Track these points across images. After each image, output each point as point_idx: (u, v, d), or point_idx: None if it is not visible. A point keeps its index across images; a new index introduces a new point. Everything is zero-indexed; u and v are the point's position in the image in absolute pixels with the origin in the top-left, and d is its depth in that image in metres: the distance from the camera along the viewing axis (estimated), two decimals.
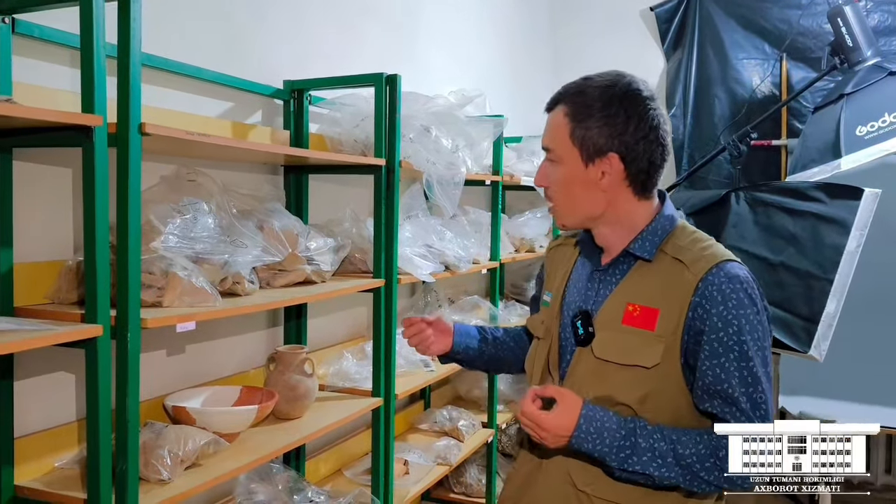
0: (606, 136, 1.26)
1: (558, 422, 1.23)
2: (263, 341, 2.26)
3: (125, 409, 1.36)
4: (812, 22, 4.12)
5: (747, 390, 1.21)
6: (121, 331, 1.34)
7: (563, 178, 1.31)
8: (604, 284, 1.35)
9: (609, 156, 1.27)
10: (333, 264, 2.10)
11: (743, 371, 1.21)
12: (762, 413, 1.23)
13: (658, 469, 1.20)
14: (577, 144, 1.28)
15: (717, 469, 1.21)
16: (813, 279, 2.77)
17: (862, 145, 2.99)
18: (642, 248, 1.30)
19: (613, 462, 1.22)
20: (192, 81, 1.94)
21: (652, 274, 1.29)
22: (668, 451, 1.20)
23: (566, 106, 1.30)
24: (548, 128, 1.34)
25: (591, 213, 1.32)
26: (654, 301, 1.26)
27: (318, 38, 2.46)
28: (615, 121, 1.26)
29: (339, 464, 2.55)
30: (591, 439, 1.22)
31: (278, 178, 2.27)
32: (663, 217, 1.33)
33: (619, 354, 1.27)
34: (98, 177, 1.28)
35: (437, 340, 1.60)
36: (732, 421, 1.22)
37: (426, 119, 2.38)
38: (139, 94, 1.34)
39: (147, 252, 1.52)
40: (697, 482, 1.23)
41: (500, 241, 3.08)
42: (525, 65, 4.39)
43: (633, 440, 1.21)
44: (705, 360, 1.22)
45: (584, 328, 1.31)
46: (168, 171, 1.77)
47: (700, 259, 1.25)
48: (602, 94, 1.27)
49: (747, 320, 1.21)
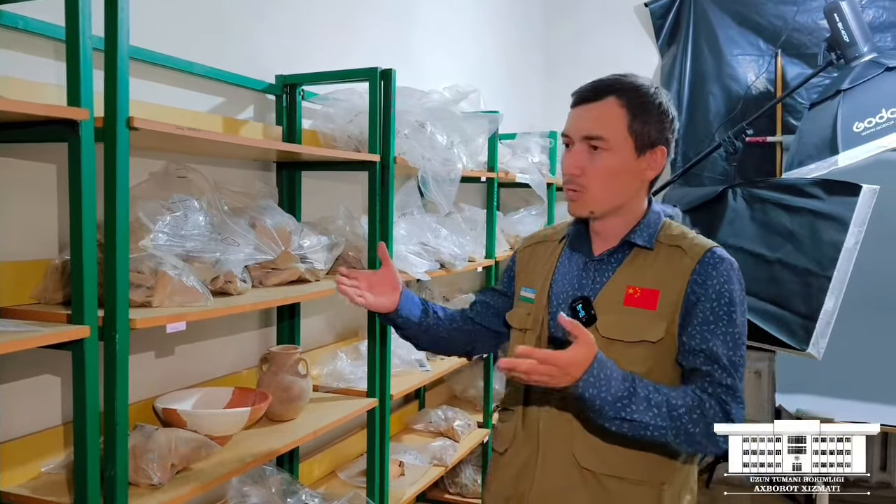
0: (660, 130, 1.36)
1: (573, 360, 1.19)
2: (256, 341, 2.22)
3: (114, 412, 1.32)
4: (807, 18, 4.10)
5: (728, 352, 1.31)
6: (108, 332, 1.30)
7: (611, 166, 1.35)
8: (600, 272, 1.41)
9: (658, 149, 1.37)
10: (327, 262, 2.06)
11: (727, 336, 1.31)
12: (740, 374, 1.32)
13: (653, 418, 1.24)
14: (634, 135, 1.35)
15: (703, 422, 1.26)
16: (811, 276, 2.75)
17: (859, 142, 2.96)
18: (642, 237, 1.39)
19: (610, 412, 1.23)
20: (182, 76, 1.90)
21: (650, 260, 1.38)
22: (662, 401, 1.26)
23: (621, 98, 1.35)
24: (594, 117, 1.36)
25: (623, 201, 1.39)
26: (654, 283, 1.35)
27: (311, 33, 2.41)
28: (666, 118, 1.37)
29: (333, 465, 2.52)
30: (598, 385, 1.21)
31: (270, 174, 2.22)
32: (654, 212, 1.43)
33: (626, 333, 1.34)
34: (84, 173, 1.24)
35: (382, 293, 1.55)
36: (717, 376, 1.29)
37: (421, 115, 2.34)
38: (127, 87, 1.30)
39: (136, 250, 1.48)
40: (684, 436, 1.26)
41: (495, 239, 3.04)
42: (518, 61, 4.35)
43: (633, 390, 1.24)
44: (697, 325, 1.32)
45: (585, 311, 1.37)
46: (157, 168, 1.72)
47: (695, 246, 1.38)
48: (655, 93, 1.37)
49: (736, 294, 1.34)
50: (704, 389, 1.29)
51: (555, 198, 3.76)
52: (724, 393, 1.29)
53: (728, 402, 1.28)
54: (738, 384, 1.31)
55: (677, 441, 1.27)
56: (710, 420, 1.27)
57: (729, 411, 1.28)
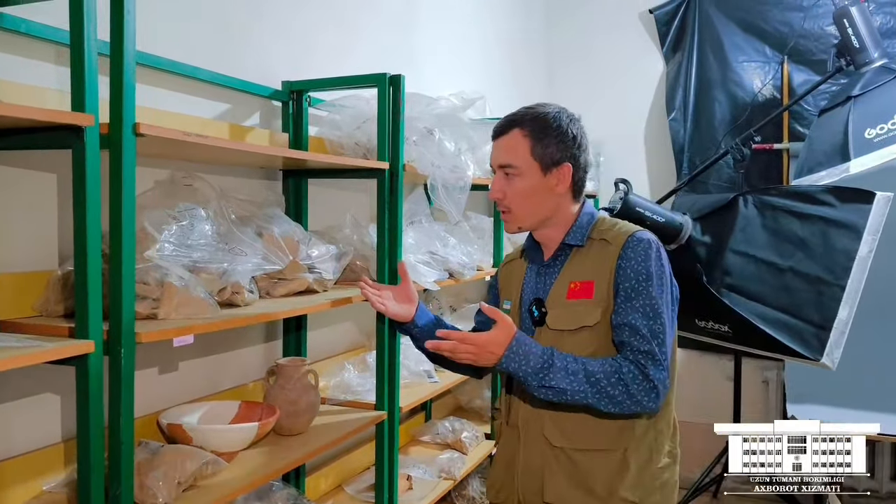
0: (561, 150, 1.56)
1: (492, 338, 1.45)
2: (261, 352, 2.17)
3: (118, 429, 1.27)
4: (813, 24, 4.07)
5: (648, 322, 1.46)
6: (114, 346, 1.25)
7: (524, 188, 1.56)
8: (549, 275, 1.61)
9: (563, 166, 1.56)
10: (335, 272, 2.01)
11: (646, 308, 1.46)
12: (660, 340, 1.46)
13: (570, 384, 1.43)
14: (538, 158, 1.55)
15: (622, 383, 1.42)
16: (823, 285, 2.71)
17: (871, 148, 2.92)
18: (574, 238, 1.59)
19: (534, 381, 1.44)
20: (187, 81, 1.86)
21: (585, 256, 1.57)
22: (580, 369, 1.44)
23: (523, 128, 1.57)
24: (504, 148, 1.59)
25: (545, 216, 1.59)
26: (589, 275, 1.54)
27: (317, 38, 2.37)
28: (566, 138, 1.56)
29: (340, 479, 2.46)
30: (518, 359, 1.45)
31: (276, 182, 2.18)
32: (585, 213, 1.62)
33: (569, 322, 1.53)
34: (89, 181, 1.19)
35: (401, 305, 1.83)
36: (636, 344, 1.44)
37: (429, 121, 2.30)
38: (133, 92, 1.25)
39: (141, 261, 1.43)
40: (605, 398, 1.43)
41: (502, 248, 3.00)
42: (521, 68, 4.32)
43: (551, 362, 1.44)
44: (620, 304, 1.49)
45: (538, 311, 1.57)
46: (162, 176, 1.68)
47: (618, 235, 1.55)
48: (554, 118, 1.57)
49: (653, 269, 1.49)
50: (625, 357, 1.46)
51: None
52: (642, 357, 1.44)
53: (646, 365, 1.43)
54: (656, 349, 1.45)
55: (601, 402, 1.44)
56: (628, 381, 1.43)
57: (647, 373, 1.43)
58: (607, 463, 1.51)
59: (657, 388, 1.44)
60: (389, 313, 1.82)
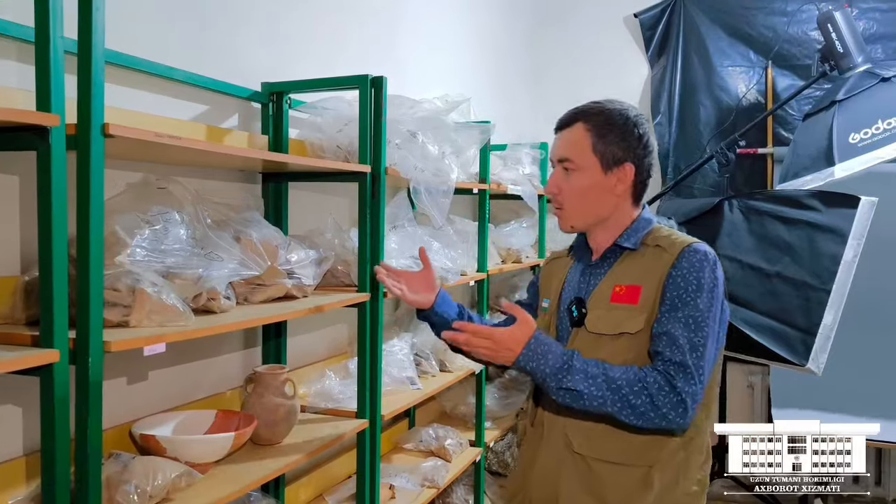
0: (624, 149, 1.48)
1: (510, 335, 1.40)
2: (240, 359, 2.12)
3: (86, 441, 1.22)
4: (797, 29, 4.08)
5: (688, 334, 1.37)
6: (81, 355, 1.20)
7: (581, 185, 1.50)
8: (594, 276, 1.54)
9: (625, 165, 1.49)
10: (316, 278, 1.96)
11: (689, 319, 1.38)
12: (698, 354, 1.36)
13: (588, 387, 1.36)
14: (599, 155, 1.48)
15: (645, 393, 1.34)
16: (810, 290, 2.70)
17: (856, 153, 2.92)
18: (628, 240, 1.51)
19: (552, 382, 1.38)
20: (163, 82, 1.81)
21: (636, 260, 1.49)
22: (600, 373, 1.37)
23: (587, 123, 1.50)
24: (565, 142, 1.52)
25: (600, 216, 1.52)
26: (637, 280, 1.46)
27: (297, 39, 2.33)
28: (630, 137, 1.49)
29: (321, 489, 2.41)
30: (537, 358, 1.39)
31: (256, 186, 2.13)
32: (643, 219, 1.55)
33: (609, 327, 1.45)
34: (55, 183, 1.14)
35: (421, 291, 1.74)
36: (669, 354, 1.36)
37: (412, 124, 2.26)
38: (102, 91, 1.21)
39: (112, 266, 1.38)
40: (626, 407, 1.35)
41: (487, 252, 2.96)
42: (507, 71, 4.29)
43: (571, 363, 1.38)
44: (664, 312, 1.40)
45: (577, 311, 1.51)
46: (135, 179, 1.63)
47: (675, 243, 1.47)
48: (619, 115, 1.49)
49: (704, 281, 1.40)
50: (654, 367, 1.37)
51: (546, 210, 3.69)
52: (672, 368, 1.35)
53: (674, 376, 1.34)
54: (690, 361, 1.35)
55: (623, 412, 1.36)
56: (653, 392, 1.34)
57: (675, 385, 1.33)
58: (628, 478, 1.43)
59: (685, 402, 1.33)
60: (407, 299, 1.73)
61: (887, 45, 3.91)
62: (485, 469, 3.06)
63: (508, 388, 3.67)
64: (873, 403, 3.17)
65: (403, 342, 2.56)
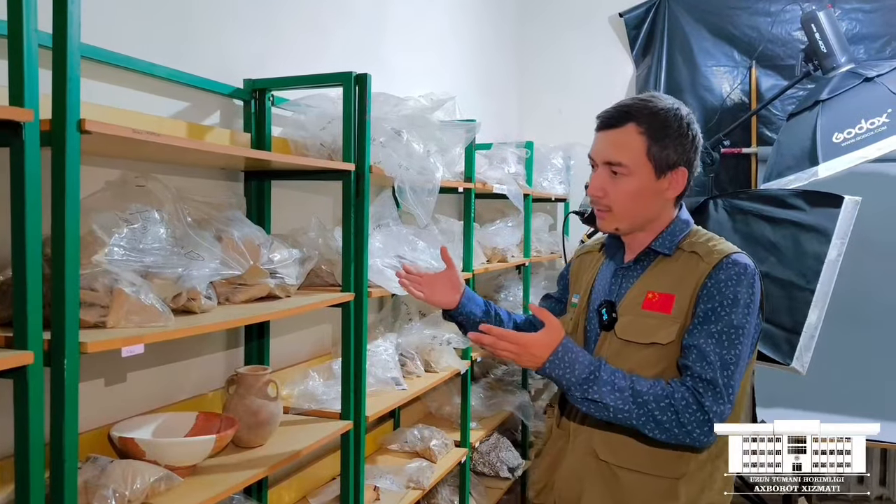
0: (679, 153, 1.42)
1: (539, 340, 1.36)
2: (221, 360, 2.09)
3: (61, 446, 1.19)
4: (781, 29, 4.10)
5: (720, 350, 1.33)
6: (56, 357, 1.17)
7: (631, 190, 1.43)
8: (626, 279, 1.49)
9: (679, 169, 1.43)
10: (299, 277, 1.94)
11: (723, 335, 1.33)
12: (728, 373, 1.33)
13: (615, 400, 1.33)
14: (653, 159, 1.41)
15: (671, 410, 1.31)
16: (795, 289, 2.71)
17: (839, 152, 2.93)
18: (663, 245, 1.46)
19: (577, 392, 1.35)
20: (142, 78, 1.77)
21: (670, 266, 1.44)
22: (627, 386, 1.33)
23: (640, 125, 1.41)
24: (614, 143, 1.44)
25: (647, 219, 1.46)
26: (671, 288, 1.41)
27: (280, 36, 2.30)
28: (686, 140, 1.42)
29: (304, 491, 2.38)
30: (563, 366, 1.36)
31: (238, 184, 2.10)
32: (680, 220, 1.49)
33: (639, 335, 1.41)
34: (29, 180, 1.11)
35: (443, 292, 1.71)
36: (698, 369, 1.32)
37: (397, 122, 2.24)
38: (78, 86, 1.17)
39: (89, 266, 1.35)
40: (651, 422, 1.32)
41: (472, 251, 2.94)
42: (491, 70, 4.28)
43: (597, 374, 1.35)
44: (696, 325, 1.36)
45: (608, 314, 1.46)
46: (114, 177, 1.59)
47: (713, 252, 1.41)
48: (675, 116, 1.42)
49: (741, 296, 1.35)
50: (683, 383, 1.34)
51: (531, 209, 3.68)
52: (701, 385, 1.32)
53: (703, 394, 1.31)
54: (720, 380, 1.32)
55: (647, 427, 1.33)
56: (680, 409, 1.31)
57: (703, 403, 1.30)
58: (654, 489, 1.40)
59: (711, 421, 1.31)
60: (429, 301, 1.72)
61: (869, 46, 3.93)
62: (470, 470, 3.04)
63: (494, 389, 3.66)
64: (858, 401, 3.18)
65: (388, 342, 2.53)
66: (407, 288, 1.73)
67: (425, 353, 2.71)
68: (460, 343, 2.81)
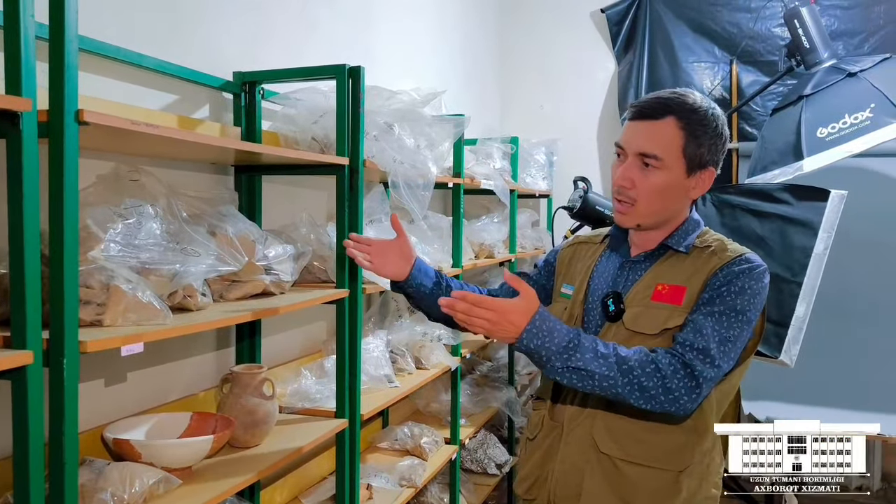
0: (712, 152, 1.41)
1: (515, 306, 1.28)
2: (213, 359, 2.05)
3: (61, 447, 1.14)
4: (762, 26, 4.14)
5: (718, 327, 1.31)
6: (55, 357, 1.13)
7: (661, 184, 1.40)
8: (633, 271, 1.47)
9: (708, 170, 1.42)
10: (294, 274, 1.90)
11: (722, 316, 1.32)
12: (725, 349, 1.31)
13: (599, 367, 1.28)
14: (687, 156, 1.39)
15: (658, 375, 1.28)
16: (782, 282, 2.72)
17: (823, 147, 2.96)
18: (678, 243, 1.44)
19: (557, 362, 1.29)
20: (131, 70, 1.73)
21: (682, 261, 1.43)
22: (610, 353, 1.29)
23: (680, 120, 1.39)
24: (651, 135, 1.40)
25: (670, 215, 1.44)
26: (682, 281, 1.40)
27: (271, 28, 2.26)
28: (719, 141, 1.41)
29: (297, 490, 2.34)
30: (541, 336, 1.29)
31: (228, 178, 2.06)
32: (693, 219, 1.48)
33: (650, 325, 1.39)
34: (27, 173, 1.06)
35: (393, 262, 1.64)
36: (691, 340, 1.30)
37: (389, 116, 2.21)
38: (75, 75, 1.13)
39: (84, 262, 1.30)
40: (639, 392, 1.28)
41: (461, 247, 2.93)
42: (473, 65, 4.26)
43: (578, 341, 1.29)
44: (701, 306, 1.35)
45: (614, 305, 1.43)
46: (104, 170, 1.54)
47: (727, 249, 1.41)
48: (713, 114, 1.41)
49: (748, 286, 1.34)
50: (669, 351, 1.32)
51: (516, 205, 3.67)
52: (691, 353, 1.30)
53: (693, 361, 1.29)
54: (714, 348, 1.30)
55: (633, 395, 1.29)
56: (668, 374, 1.28)
57: (693, 366, 1.28)
58: (658, 481, 1.38)
59: (701, 386, 1.28)
60: (379, 272, 1.65)
61: (848, 42, 3.98)
62: (460, 467, 3.02)
63: (480, 385, 3.65)
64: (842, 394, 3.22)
65: (379, 339, 2.50)
66: (355, 257, 1.65)
67: (416, 349, 2.69)
68: (451, 339, 2.79)
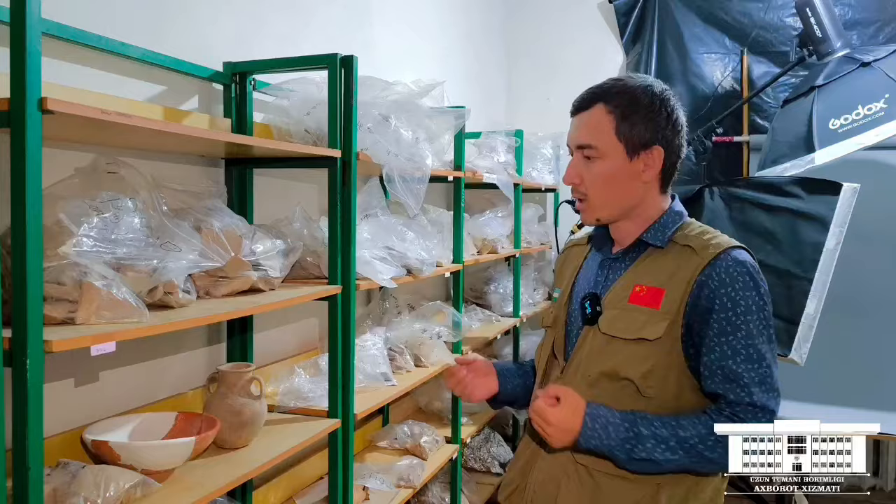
0: (652, 130, 1.35)
1: (563, 415, 1.29)
2: (202, 357, 2.00)
3: (24, 452, 1.09)
4: (773, 15, 4.04)
5: (751, 366, 1.27)
6: (17, 356, 1.08)
7: (604, 172, 1.37)
8: (613, 270, 1.43)
9: (653, 149, 1.36)
10: (283, 270, 1.84)
11: (749, 349, 1.27)
12: (768, 386, 1.27)
13: (662, 453, 1.26)
14: (623, 139, 1.35)
15: (720, 445, 1.26)
16: (792, 279, 2.65)
17: (836, 139, 2.87)
18: (655, 237, 1.38)
19: (622, 454, 1.27)
20: (114, 59, 1.67)
21: (661, 260, 1.37)
22: (671, 435, 1.26)
23: (608, 104, 1.36)
24: (584, 125, 1.39)
25: (628, 205, 1.39)
26: (661, 282, 1.34)
27: (263, 16, 2.20)
28: (658, 117, 1.36)
29: (291, 491, 2.30)
30: (598, 435, 1.28)
31: (218, 171, 2.00)
32: (673, 212, 1.42)
33: (625, 330, 1.33)
34: None
35: (479, 385, 1.58)
36: (733, 397, 1.26)
37: (385, 107, 2.15)
38: (38, 61, 1.08)
39: (56, 258, 1.26)
40: (703, 462, 1.28)
41: (462, 243, 2.86)
42: (478, 57, 4.19)
43: (636, 430, 1.27)
44: (713, 337, 1.28)
45: (591, 307, 1.38)
46: (85, 163, 1.49)
47: (709, 246, 1.33)
48: (644, 92, 1.36)
49: (753, 301, 1.28)
50: (721, 412, 1.28)
51: (521, 199, 3.60)
52: (741, 412, 1.27)
53: (746, 420, 1.26)
54: (759, 400, 1.27)
55: (700, 468, 1.30)
56: (727, 442, 1.26)
57: None
58: (634, 493, 1.32)
59: None
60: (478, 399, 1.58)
61: (862, 32, 3.88)
62: (461, 466, 2.96)
63: None
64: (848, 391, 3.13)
65: (377, 336, 2.45)
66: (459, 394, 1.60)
67: (415, 347, 2.63)
68: (451, 336, 2.73)
